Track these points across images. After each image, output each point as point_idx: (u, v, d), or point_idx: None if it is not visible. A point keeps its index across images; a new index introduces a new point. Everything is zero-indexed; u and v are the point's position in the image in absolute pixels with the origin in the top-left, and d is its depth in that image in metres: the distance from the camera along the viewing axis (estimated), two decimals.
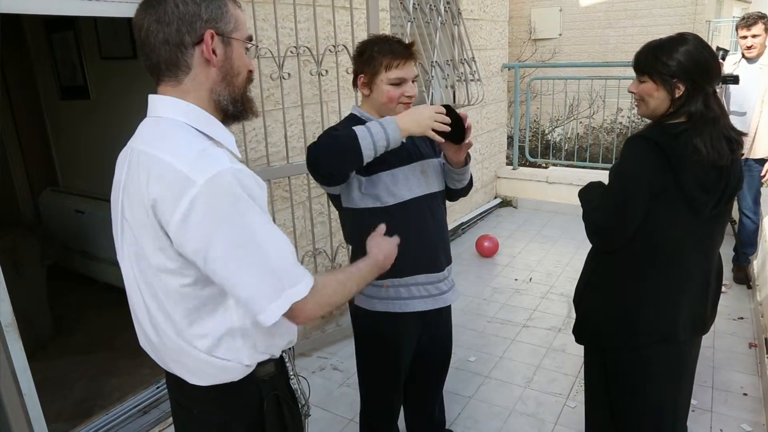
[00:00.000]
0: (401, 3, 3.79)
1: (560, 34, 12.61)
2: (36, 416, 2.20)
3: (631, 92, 1.63)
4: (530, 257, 4.40)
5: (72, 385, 2.97)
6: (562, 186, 5.37)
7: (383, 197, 1.72)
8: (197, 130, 1.04)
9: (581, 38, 12.35)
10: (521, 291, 3.81)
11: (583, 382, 2.74)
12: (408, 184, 1.75)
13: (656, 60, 1.54)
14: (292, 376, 1.24)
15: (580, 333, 1.84)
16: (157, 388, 2.78)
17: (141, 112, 3.81)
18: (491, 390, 2.74)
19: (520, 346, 3.12)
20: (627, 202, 1.53)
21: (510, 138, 6.28)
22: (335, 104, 3.07)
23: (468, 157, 1.79)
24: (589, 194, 1.73)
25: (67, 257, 4.14)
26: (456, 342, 3.08)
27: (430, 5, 4.12)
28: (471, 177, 1.92)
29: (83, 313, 3.73)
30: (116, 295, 3.85)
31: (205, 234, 0.95)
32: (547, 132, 9.10)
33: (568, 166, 5.91)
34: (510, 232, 5.00)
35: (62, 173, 4.40)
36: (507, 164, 5.96)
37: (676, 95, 1.53)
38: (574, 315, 3.37)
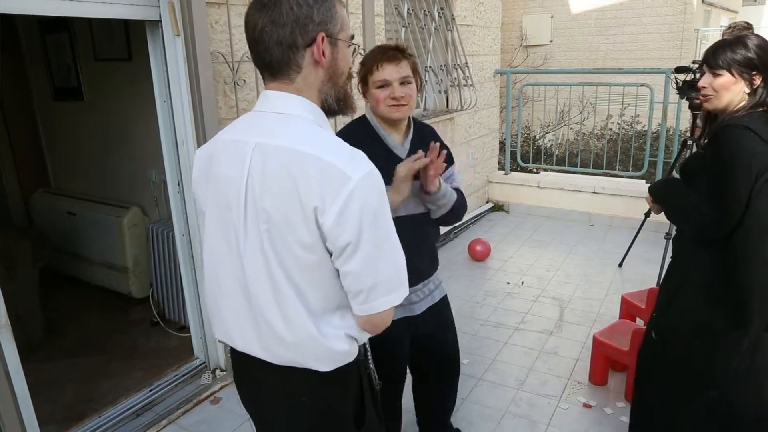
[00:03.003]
0: (396, 8, 3.82)
1: (551, 41, 12.74)
2: (29, 417, 2.19)
3: (702, 87, 1.70)
4: (522, 261, 4.43)
5: (63, 388, 2.96)
6: (554, 191, 5.42)
7: None
8: (323, 128, 1.10)
9: (572, 45, 12.48)
10: (513, 294, 3.84)
11: (574, 383, 2.79)
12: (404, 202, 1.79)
13: (735, 53, 1.63)
14: (369, 358, 1.34)
15: (674, 328, 1.83)
16: (150, 390, 2.78)
17: (137, 114, 3.79)
18: (484, 392, 2.76)
19: (513, 349, 3.15)
20: (736, 187, 1.57)
21: (502, 143, 6.32)
22: None
23: (439, 184, 1.78)
24: (674, 188, 1.81)
25: (58, 259, 4.12)
26: None
27: (425, 11, 4.16)
28: (457, 204, 1.87)
29: (75, 316, 3.71)
30: (108, 298, 3.88)
31: (357, 228, 1.00)
32: (538, 138, 9.17)
33: (559, 171, 5.97)
34: (502, 236, 5.04)
35: (54, 175, 4.38)
36: (499, 169, 6.00)
37: (755, 86, 1.63)
38: (565, 318, 3.44)
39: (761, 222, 1.58)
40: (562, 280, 4.06)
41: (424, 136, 1.87)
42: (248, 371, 1.25)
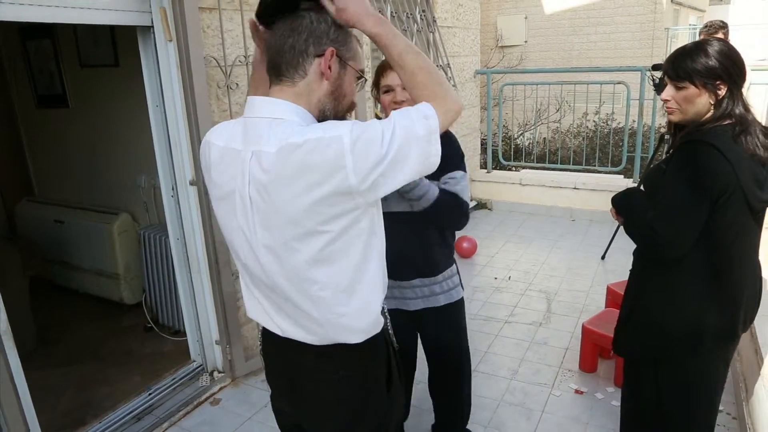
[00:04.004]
0: (380, 12, 3.89)
1: (526, 41, 12.94)
2: (32, 420, 2.20)
3: (665, 100, 1.59)
4: (508, 257, 4.53)
5: (60, 396, 2.95)
6: (535, 188, 5.54)
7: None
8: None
9: (546, 45, 12.70)
10: (501, 289, 3.93)
11: (565, 371, 2.88)
12: (390, 197, 1.81)
13: (696, 63, 1.50)
14: (389, 325, 1.38)
15: (631, 347, 1.79)
16: (149, 394, 2.79)
17: (125, 120, 3.79)
18: (479, 383, 2.83)
19: (504, 341, 3.23)
20: (694, 207, 1.49)
21: (483, 142, 6.44)
22: None
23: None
24: (633, 202, 1.70)
25: (47, 268, 4.08)
26: None
27: (407, 13, 4.23)
28: (442, 202, 1.83)
29: (67, 324, 3.69)
30: (99, 305, 3.86)
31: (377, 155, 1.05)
32: (516, 137, 9.32)
33: (540, 168, 6.09)
34: (487, 233, 5.13)
35: (38, 183, 4.34)
36: (481, 168, 6.11)
37: (719, 97, 1.51)
38: (553, 310, 3.53)
39: (714, 245, 1.54)
40: (547, 273, 4.16)
41: None
42: (283, 353, 1.31)
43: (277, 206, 1.10)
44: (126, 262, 3.66)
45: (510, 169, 6.42)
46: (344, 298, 1.17)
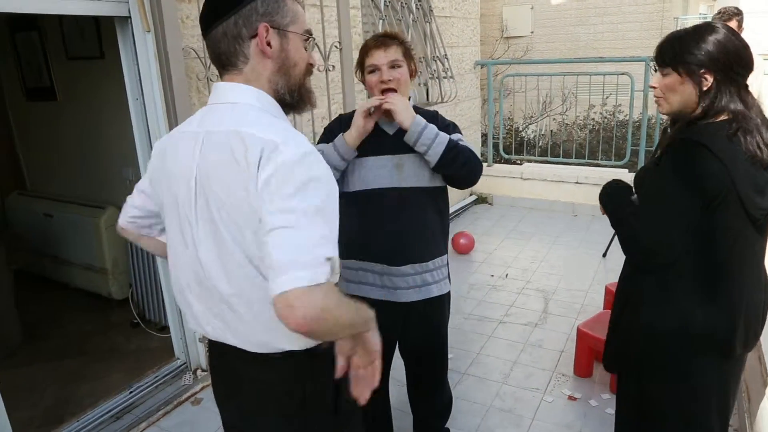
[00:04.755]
0: (372, 1, 3.78)
1: (532, 32, 12.73)
2: (2, 423, 2.14)
3: (652, 87, 1.48)
4: (506, 253, 4.43)
5: (43, 392, 2.90)
6: (537, 182, 5.42)
7: (353, 182, 1.82)
8: (272, 115, 1.10)
9: (552, 36, 12.49)
10: (498, 287, 3.84)
11: (559, 375, 2.78)
12: (376, 173, 1.79)
13: (680, 49, 1.39)
14: None
15: (618, 360, 1.69)
16: (130, 392, 2.73)
17: (111, 113, 3.72)
18: (469, 387, 2.75)
19: (497, 342, 3.14)
20: (681, 213, 1.36)
21: (484, 135, 6.31)
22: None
23: (414, 120, 1.72)
24: (619, 200, 1.57)
25: (36, 262, 4.04)
26: None
27: (402, 2, 4.11)
28: (456, 150, 1.74)
29: (54, 319, 3.65)
30: (88, 299, 3.81)
31: (277, 197, 0.97)
32: (521, 129, 9.18)
33: (542, 162, 5.97)
34: (486, 228, 5.03)
35: (30, 176, 4.29)
36: (482, 161, 5.98)
37: (704, 88, 1.37)
38: (550, 310, 3.44)
39: (706, 253, 1.41)
40: (546, 271, 4.06)
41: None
42: (227, 362, 1.23)
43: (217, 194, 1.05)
44: (114, 257, 3.60)
45: (515, 163, 6.29)
46: None
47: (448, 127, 1.86)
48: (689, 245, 1.41)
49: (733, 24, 3.57)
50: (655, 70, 1.52)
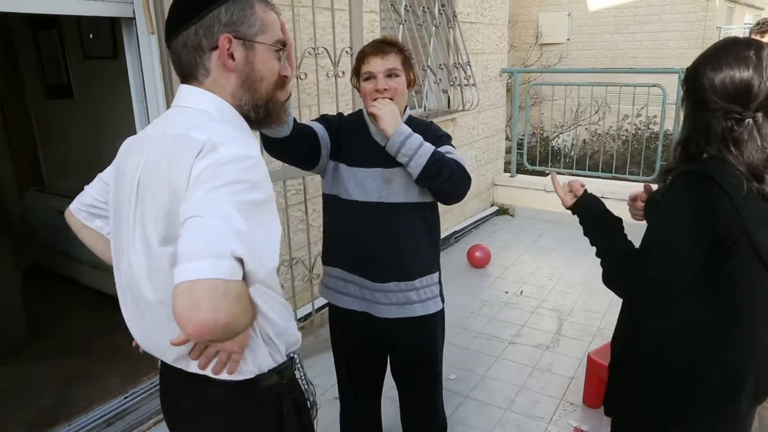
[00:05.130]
0: (392, 5, 3.68)
1: (568, 39, 12.47)
2: None
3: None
4: (523, 268, 4.27)
5: (42, 392, 2.89)
6: None
7: (340, 189, 1.76)
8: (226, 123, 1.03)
9: (589, 43, 12.21)
10: (511, 305, 3.69)
11: (567, 404, 2.63)
12: (363, 186, 1.72)
13: (694, 71, 1.29)
14: (302, 377, 1.23)
15: (613, 404, 1.55)
16: (125, 398, 2.70)
17: (124, 112, 3.69)
18: (470, 411, 2.62)
19: (505, 364, 3.00)
20: (687, 251, 1.22)
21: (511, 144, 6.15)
22: (316, 108, 2.97)
23: (397, 129, 1.62)
24: (608, 236, 1.41)
25: (49, 258, 4.07)
26: None
27: (423, 7, 4.01)
28: (441, 163, 1.64)
29: (61, 316, 3.66)
30: (96, 298, 3.81)
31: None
32: (552, 138, 8.97)
33: (567, 174, 5.78)
34: (505, 241, 4.88)
35: (48, 173, 4.34)
36: (506, 171, 5.83)
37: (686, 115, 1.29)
38: (563, 332, 3.28)
39: (730, 291, 1.26)
40: (563, 290, 3.89)
41: (414, 131, 1.71)
42: (168, 385, 1.17)
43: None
44: None
45: (544, 174, 6.09)
46: None
47: (440, 138, 1.77)
48: (697, 287, 1.26)
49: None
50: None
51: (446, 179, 1.64)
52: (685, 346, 1.32)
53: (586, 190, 1.55)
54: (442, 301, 1.90)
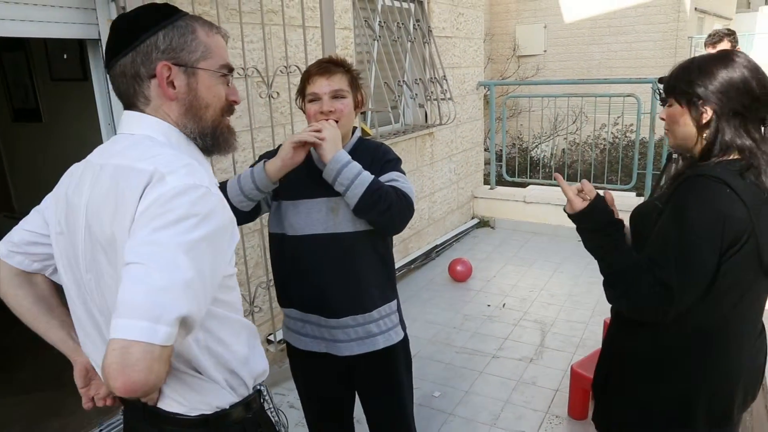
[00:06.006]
0: (366, 21, 3.68)
1: (545, 51, 12.62)
2: None
3: (662, 119, 1.37)
4: (505, 281, 4.25)
5: (12, 428, 2.79)
6: (540, 205, 5.24)
7: (285, 226, 1.68)
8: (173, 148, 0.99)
9: (565, 54, 12.36)
10: (493, 318, 3.66)
11: (552, 417, 2.60)
12: (308, 218, 1.63)
13: (681, 78, 1.28)
14: (271, 409, 1.18)
15: (606, 423, 1.50)
16: (100, 430, 2.60)
17: (94, 135, 3.63)
18: (455, 429, 2.57)
19: (488, 379, 2.96)
20: (702, 257, 1.19)
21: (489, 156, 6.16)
22: (290, 127, 2.93)
23: (334, 156, 1.53)
24: (617, 250, 1.33)
25: None
26: (421, 376, 2.95)
27: (398, 23, 4.01)
28: (378, 193, 1.54)
29: (32, 347, 3.52)
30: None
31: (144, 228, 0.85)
32: (531, 149, 9.02)
33: (547, 185, 5.79)
34: (486, 254, 4.86)
35: (17, 198, 4.23)
36: (485, 183, 5.83)
37: (703, 121, 1.25)
38: (547, 344, 3.25)
39: (727, 299, 1.24)
40: (545, 301, 3.87)
41: (359, 156, 1.63)
42: (131, 425, 1.12)
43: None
44: None
45: (524, 185, 6.11)
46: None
47: (388, 163, 1.68)
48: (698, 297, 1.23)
49: (725, 45, 3.44)
50: (661, 94, 1.38)
51: (383, 211, 1.54)
52: (683, 355, 1.30)
53: (598, 194, 1.42)
54: (404, 329, 1.81)
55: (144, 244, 0.82)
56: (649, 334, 1.33)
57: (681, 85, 1.28)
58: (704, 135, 1.27)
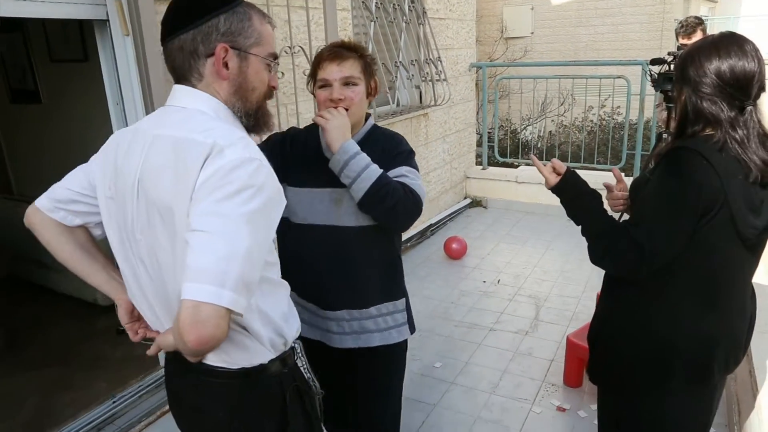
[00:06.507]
0: (363, 2, 3.72)
1: (532, 33, 12.67)
2: None
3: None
4: (499, 258, 4.37)
5: (23, 403, 2.85)
6: (532, 185, 5.36)
7: (289, 212, 1.63)
8: (224, 122, 1.06)
9: (553, 36, 12.42)
10: (489, 293, 3.78)
11: (548, 385, 2.73)
12: (311, 208, 1.60)
13: (678, 65, 1.38)
14: (304, 366, 1.24)
15: (597, 372, 1.61)
16: (113, 402, 2.68)
17: (96, 116, 3.65)
18: (456, 397, 2.69)
19: (487, 351, 3.08)
20: (678, 221, 1.29)
21: (480, 137, 6.25)
22: (293, 107, 2.99)
23: (342, 146, 1.49)
24: (593, 213, 1.46)
25: (23, 268, 3.99)
26: (422, 348, 3.07)
27: (394, 4, 4.06)
28: (385, 189, 1.49)
29: (39, 325, 3.59)
30: (73, 306, 3.76)
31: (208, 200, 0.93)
32: (519, 131, 9.12)
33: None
34: (479, 232, 4.97)
35: (16, 180, 4.24)
36: (477, 164, 5.93)
37: (682, 97, 1.37)
38: (541, 317, 3.38)
39: (691, 269, 1.35)
40: (538, 277, 4.00)
41: (371, 145, 1.60)
42: (173, 378, 1.20)
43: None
44: None
45: (512, 165, 6.22)
46: None
47: (399, 156, 1.62)
48: (676, 260, 1.34)
49: (698, 35, 3.51)
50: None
51: (389, 208, 1.49)
52: (665, 315, 1.40)
53: (569, 168, 1.56)
54: (411, 330, 1.76)
55: (208, 214, 0.90)
56: (638, 294, 1.44)
57: (677, 73, 1.38)
58: (677, 110, 1.39)
